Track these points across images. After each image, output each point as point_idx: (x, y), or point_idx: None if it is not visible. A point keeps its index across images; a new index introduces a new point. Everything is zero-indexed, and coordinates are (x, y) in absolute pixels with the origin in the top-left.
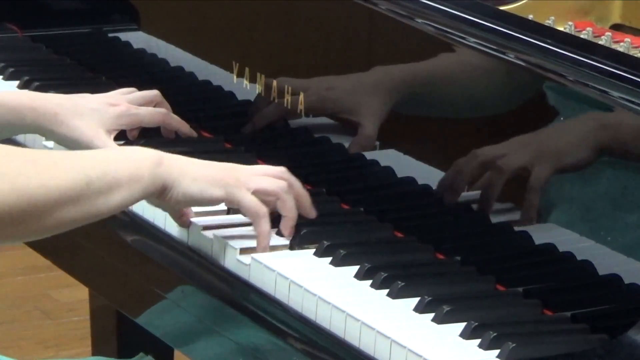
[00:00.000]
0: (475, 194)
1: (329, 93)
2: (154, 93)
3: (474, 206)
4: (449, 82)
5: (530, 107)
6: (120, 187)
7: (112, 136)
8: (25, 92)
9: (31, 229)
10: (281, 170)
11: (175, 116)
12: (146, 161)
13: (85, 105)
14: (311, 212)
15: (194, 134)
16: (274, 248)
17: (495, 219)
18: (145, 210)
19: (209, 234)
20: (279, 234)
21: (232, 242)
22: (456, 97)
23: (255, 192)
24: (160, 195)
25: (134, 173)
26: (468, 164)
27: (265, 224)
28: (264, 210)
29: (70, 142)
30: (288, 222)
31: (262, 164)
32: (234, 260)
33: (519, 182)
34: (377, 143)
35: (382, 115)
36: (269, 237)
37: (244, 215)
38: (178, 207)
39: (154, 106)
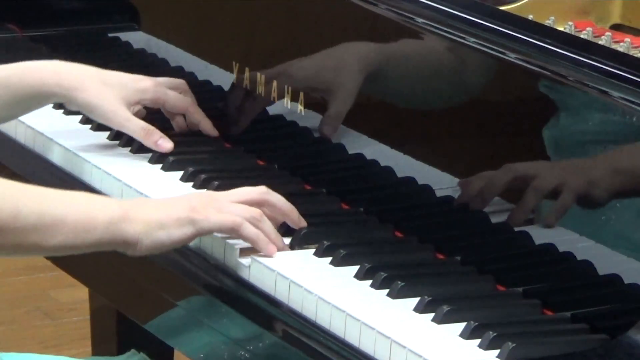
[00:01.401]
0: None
1: (297, 76)
2: (180, 81)
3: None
4: (449, 81)
5: (530, 107)
6: (60, 230)
7: (135, 110)
8: (50, 62)
9: None
10: (260, 190)
11: (199, 110)
12: (105, 213)
13: (111, 75)
14: (300, 223)
15: (215, 133)
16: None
17: (495, 219)
18: None
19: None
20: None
21: (231, 242)
22: (456, 97)
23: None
24: (126, 249)
25: (85, 220)
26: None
27: (248, 228)
28: (237, 220)
29: (93, 109)
30: (290, 217)
31: (262, 164)
32: (234, 261)
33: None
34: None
35: (353, 91)
36: (261, 235)
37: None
38: (153, 254)
39: (180, 93)
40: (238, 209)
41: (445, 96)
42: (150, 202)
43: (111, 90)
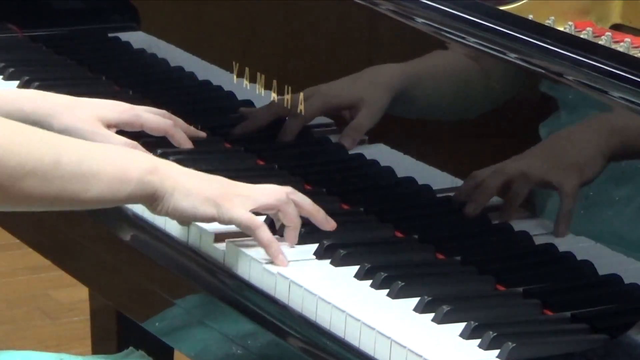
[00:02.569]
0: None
1: (328, 94)
2: (162, 111)
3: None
4: (448, 81)
5: (530, 107)
6: (98, 181)
7: (113, 132)
8: (26, 90)
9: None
10: (287, 190)
11: (180, 131)
12: (138, 165)
13: (86, 100)
14: (328, 224)
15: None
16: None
17: (495, 219)
18: (145, 210)
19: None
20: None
21: (231, 242)
22: (456, 97)
23: (255, 210)
24: (150, 203)
25: (119, 173)
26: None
27: (264, 232)
28: (257, 222)
29: (70, 133)
30: (291, 232)
31: (262, 164)
32: (235, 260)
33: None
34: (366, 137)
35: (379, 109)
36: (275, 244)
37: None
38: (172, 218)
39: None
40: (264, 196)
41: (446, 97)
42: (179, 167)
43: (87, 112)
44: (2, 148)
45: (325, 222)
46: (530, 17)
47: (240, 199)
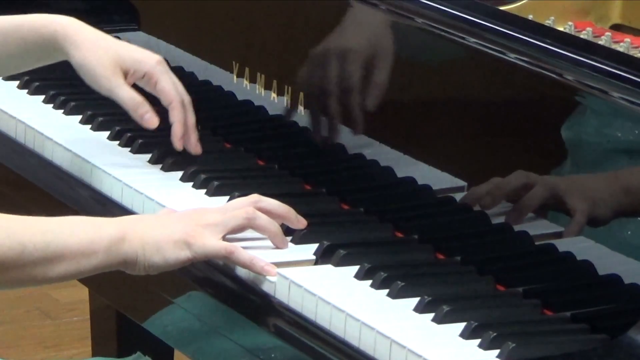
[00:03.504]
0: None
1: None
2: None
3: (476, 207)
4: (448, 81)
5: (530, 107)
6: (63, 260)
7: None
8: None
9: None
10: (252, 200)
11: (181, 112)
12: (104, 237)
13: (114, 42)
14: (299, 223)
15: (198, 150)
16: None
17: (495, 219)
18: (146, 210)
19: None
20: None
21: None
22: (456, 97)
23: (227, 234)
24: (125, 268)
25: (84, 248)
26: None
27: (240, 254)
28: (230, 248)
29: (86, 70)
30: (275, 239)
31: (262, 164)
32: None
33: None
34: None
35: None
36: (256, 259)
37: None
38: (153, 274)
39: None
40: (230, 219)
41: (446, 96)
42: (147, 219)
43: (110, 57)
44: None
45: (297, 221)
46: (530, 17)
47: (209, 229)
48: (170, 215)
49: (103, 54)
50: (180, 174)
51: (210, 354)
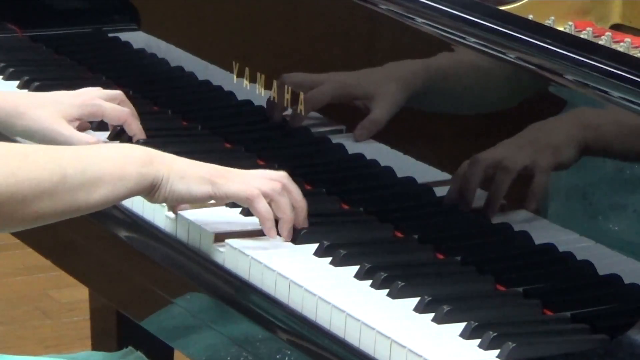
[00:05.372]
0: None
1: (346, 83)
2: (117, 92)
3: (474, 206)
4: (448, 81)
5: (530, 107)
6: (101, 184)
7: (76, 125)
8: None
9: (12, 219)
10: (281, 174)
11: (136, 121)
12: (134, 160)
13: (45, 96)
14: (303, 224)
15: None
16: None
17: (495, 219)
18: (145, 210)
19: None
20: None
21: (230, 242)
22: (456, 97)
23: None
24: (148, 193)
25: (119, 171)
26: (474, 169)
27: (262, 203)
28: (254, 192)
29: (34, 134)
30: (284, 225)
31: (262, 164)
32: (234, 259)
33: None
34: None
35: (396, 104)
36: (271, 221)
37: (240, 204)
38: (170, 203)
39: (118, 104)
40: (259, 181)
41: (446, 97)
42: (172, 156)
43: (49, 110)
44: (15, 177)
45: (303, 221)
46: (530, 17)
47: (235, 177)
48: (197, 161)
49: (40, 112)
50: None
51: (209, 353)
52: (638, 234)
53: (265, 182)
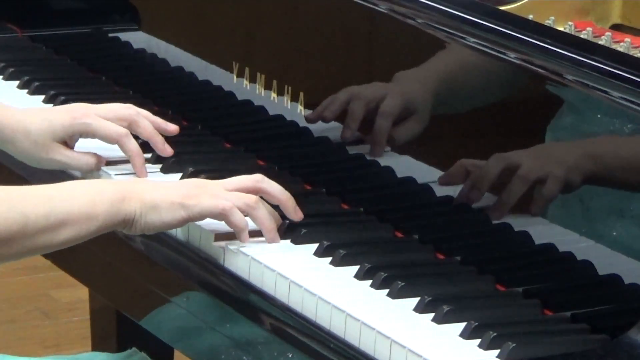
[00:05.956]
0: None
1: (406, 93)
2: (127, 113)
3: (474, 206)
4: (448, 81)
5: (530, 107)
6: (66, 225)
7: (74, 143)
8: None
9: None
10: (254, 178)
11: (131, 142)
12: (103, 199)
13: (40, 119)
14: (295, 215)
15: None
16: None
17: (495, 219)
18: None
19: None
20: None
21: (231, 243)
22: (456, 97)
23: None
24: (124, 227)
25: (87, 211)
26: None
27: (236, 215)
28: (226, 205)
29: (31, 162)
30: (267, 235)
31: (262, 164)
32: (234, 260)
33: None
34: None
35: (429, 113)
36: (245, 233)
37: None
38: (148, 234)
39: (127, 125)
40: (232, 196)
41: (445, 97)
42: (144, 181)
43: (42, 135)
44: None
45: (294, 212)
46: (530, 17)
47: (207, 191)
48: (171, 183)
49: (32, 140)
50: (180, 175)
51: (209, 353)
52: (638, 234)
53: (237, 197)
